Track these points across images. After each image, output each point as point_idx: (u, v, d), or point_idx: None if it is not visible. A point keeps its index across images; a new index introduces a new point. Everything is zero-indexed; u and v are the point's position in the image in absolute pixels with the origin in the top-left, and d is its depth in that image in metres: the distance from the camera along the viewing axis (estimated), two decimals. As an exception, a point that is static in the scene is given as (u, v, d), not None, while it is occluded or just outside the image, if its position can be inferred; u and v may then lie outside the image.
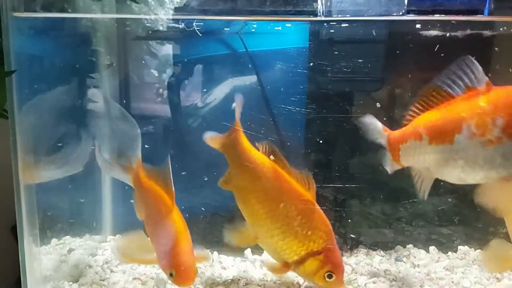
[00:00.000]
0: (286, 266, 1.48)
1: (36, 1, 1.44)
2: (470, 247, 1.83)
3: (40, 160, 1.46)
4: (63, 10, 1.55)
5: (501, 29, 1.65)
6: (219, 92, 1.77)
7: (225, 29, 1.71)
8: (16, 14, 1.31)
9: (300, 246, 1.44)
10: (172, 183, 1.35)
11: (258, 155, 1.46)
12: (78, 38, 1.72)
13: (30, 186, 1.39)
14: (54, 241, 1.68)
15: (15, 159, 1.33)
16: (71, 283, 1.56)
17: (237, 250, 1.76)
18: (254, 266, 1.71)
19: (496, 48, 1.65)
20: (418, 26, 1.61)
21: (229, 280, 1.61)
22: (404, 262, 1.75)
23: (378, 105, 1.71)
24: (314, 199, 1.45)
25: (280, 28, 1.69)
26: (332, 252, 1.45)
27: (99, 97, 1.74)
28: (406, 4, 1.54)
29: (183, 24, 1.61)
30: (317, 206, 1.45)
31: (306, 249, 1.44)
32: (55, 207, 1.62)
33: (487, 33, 1.64)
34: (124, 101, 1.84)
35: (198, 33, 1.60)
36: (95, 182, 1.82)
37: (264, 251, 1.76)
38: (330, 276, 1.45)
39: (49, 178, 1.48)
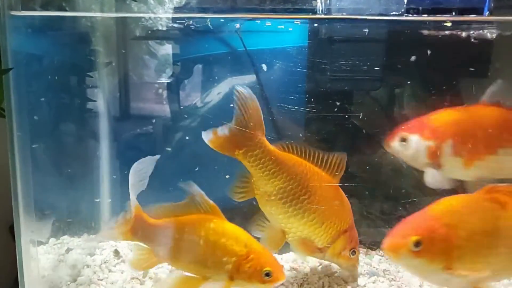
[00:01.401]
0: (319, 251, 1.49)
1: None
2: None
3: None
4: (61, 9, 1.54)
5: (500, 28, 1.64)
6: (218, 91, 1.77)
7: (236, 25, 1.70)
8: (14, 12, 1.30)
9: (335, 228, 1.46)
10: (207, 198, 1.34)
11: (288, 156, 1.43)
12: (76, 37, 1.71)
13: (28, 185, 1.38)
14: (52, 240, 1.67)
15: (12, 158, 1.32)
16: (69, 282, 1.56)
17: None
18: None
19: (496, 47, 1.65)
20: (417, 24, 1.61)
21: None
22: (403, 262, 1.74)
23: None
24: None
25: (283, 26, 1.69)
26: (353, 228, 1.50)
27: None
28: (405, 2, 1.54)
29: (187, 22, 1.61)
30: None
31: (338, 229, 1.47)
32: (53, 207, 1.61)
33: (487, 32, 1.64)
34: (124, 101, 1.84)
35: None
36: (93, 181, 1.81)
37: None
38: (354, 253, 1.49)
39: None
